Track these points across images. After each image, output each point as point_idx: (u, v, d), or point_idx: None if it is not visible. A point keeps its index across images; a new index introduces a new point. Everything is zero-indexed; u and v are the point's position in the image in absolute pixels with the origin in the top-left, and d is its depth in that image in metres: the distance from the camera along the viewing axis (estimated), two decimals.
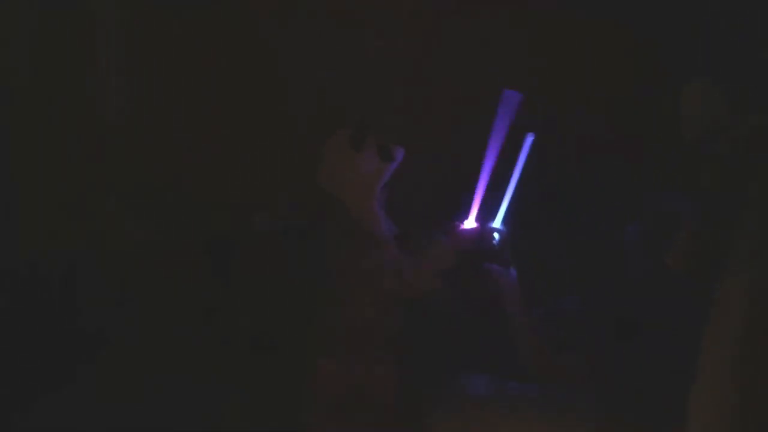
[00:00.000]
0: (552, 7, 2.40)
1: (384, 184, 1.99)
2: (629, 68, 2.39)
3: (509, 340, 1.96)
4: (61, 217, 2.36)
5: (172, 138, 2.45)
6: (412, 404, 1.94)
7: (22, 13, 2.31)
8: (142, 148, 2.43)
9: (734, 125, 1.56)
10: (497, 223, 2.00)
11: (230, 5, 2.43)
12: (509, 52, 2.39)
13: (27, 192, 2.37)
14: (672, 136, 1.80)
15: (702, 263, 1.54)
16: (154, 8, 2.40)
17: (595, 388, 1.88)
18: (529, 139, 1.95)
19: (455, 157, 2.26)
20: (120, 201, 2.42)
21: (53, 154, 2.37)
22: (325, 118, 2.34)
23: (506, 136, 1.94)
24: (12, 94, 2.33)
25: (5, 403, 2.07)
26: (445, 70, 2.44)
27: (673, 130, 1.71)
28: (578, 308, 2.05)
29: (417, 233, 2.09)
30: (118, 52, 2.42)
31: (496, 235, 1.99)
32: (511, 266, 1.99)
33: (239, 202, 2.46)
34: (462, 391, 1.94)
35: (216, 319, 2.29)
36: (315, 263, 2.03)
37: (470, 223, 2.01)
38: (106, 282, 2.34)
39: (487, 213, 2.02)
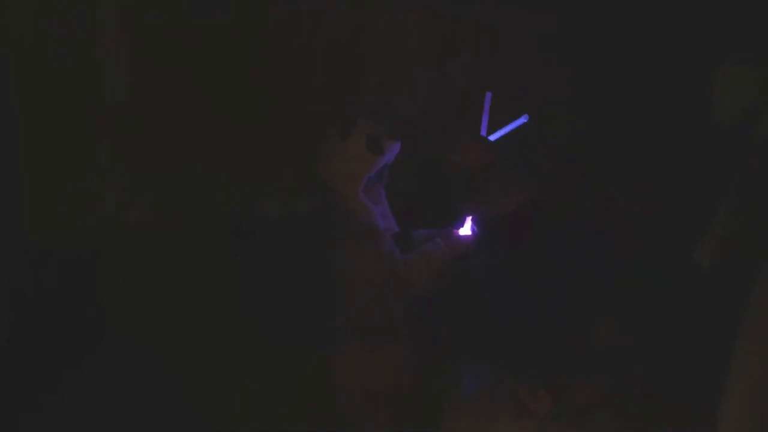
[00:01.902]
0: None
1: (379, 177, 2.06)
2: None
3: None
4: (61, 210, 2.36)
5: (177, 122, 2.45)
6: (429, 397, 1.95)
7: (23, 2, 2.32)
8: (146, 133, 2.44)
9: None
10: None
11: None
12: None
13: (30, 183, 2.36)
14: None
15: (734, 261, 1.52)
16: None
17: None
18: (522, 120, 2.02)
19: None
20: (125, 185, 2.42)
21: (56, 135, 2.36)
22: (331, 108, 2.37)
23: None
24: (16, 81, 2.33)
25: (5, 401, 2.06)
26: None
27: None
28: None
29: (416, 234, 2.12)
30: (121, 36, 2.41)
31: None
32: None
33: (247, 188, 2.46)
34: (468, 386, 1.95)
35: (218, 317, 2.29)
36: (314, 254, 2.06)
37: (466, 230, 2.05)
38: (107, 277, 2.33)
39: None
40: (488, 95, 2.03)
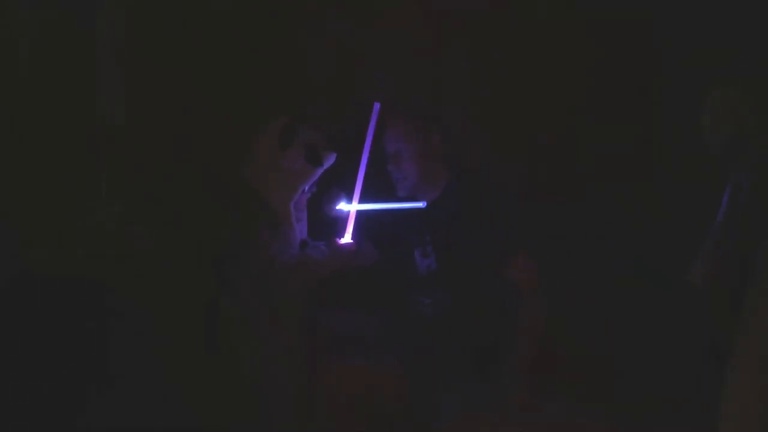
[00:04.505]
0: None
1: (309, 188, 1.97)
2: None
3: None
4: (59, 225, 2.36)
5: (172, 140, 2.45)
6: (420, 412, 1.93)
7: (21, 14, 2.31)
8: (141, 151, 2.43)
9: (762, 134, 1.54)
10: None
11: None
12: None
13: (27, 198, 2.36)
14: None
15: (726, 280, 1.53)
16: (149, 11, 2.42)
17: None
18: (376, 107, 1.94)
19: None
20: (120, 206, 2.42)
21: (52, 159, 2.36)
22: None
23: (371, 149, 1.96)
24: (10, 97, 2.33)
25: (4, 406, 2.06)
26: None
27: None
28: None
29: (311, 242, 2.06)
30: (116, 55, 2.42)
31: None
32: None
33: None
34: (460, 399, 1.94)
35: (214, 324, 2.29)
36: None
37: (346, 239, 2.01)
38: (105, 289, 2.33)
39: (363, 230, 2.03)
40: (376, 106, 1.95)
